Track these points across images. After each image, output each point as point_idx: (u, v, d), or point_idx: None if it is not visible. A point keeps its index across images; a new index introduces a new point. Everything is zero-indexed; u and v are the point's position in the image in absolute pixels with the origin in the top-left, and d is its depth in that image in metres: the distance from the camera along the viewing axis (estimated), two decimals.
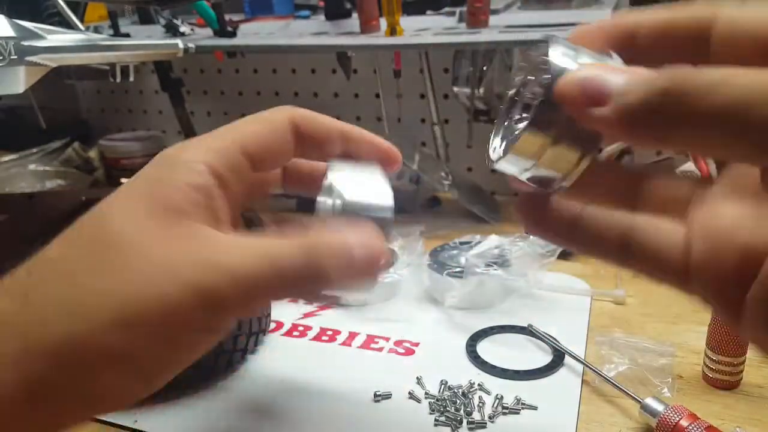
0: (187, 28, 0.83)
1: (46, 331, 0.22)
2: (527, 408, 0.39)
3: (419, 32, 0.70)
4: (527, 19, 0.69)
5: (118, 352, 0.22)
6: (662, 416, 0.35)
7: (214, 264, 0.23)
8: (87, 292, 0.22)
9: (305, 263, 0.23)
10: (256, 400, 0.41)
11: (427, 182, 0.76)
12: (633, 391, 0.38)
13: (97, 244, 0.24)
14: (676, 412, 0.35)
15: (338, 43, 0.73)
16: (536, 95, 0.23)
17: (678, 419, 0.35)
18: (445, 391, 0.41)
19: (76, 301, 0.22)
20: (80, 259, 0.23)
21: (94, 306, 0.22)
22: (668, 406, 0.36)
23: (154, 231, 0.24)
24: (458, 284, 0.51)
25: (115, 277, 0.23)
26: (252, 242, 0.24)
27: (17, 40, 0.45)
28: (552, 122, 0.22)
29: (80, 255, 0.24)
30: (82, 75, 0.97)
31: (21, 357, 0.22)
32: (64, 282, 0.23)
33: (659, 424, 0.35)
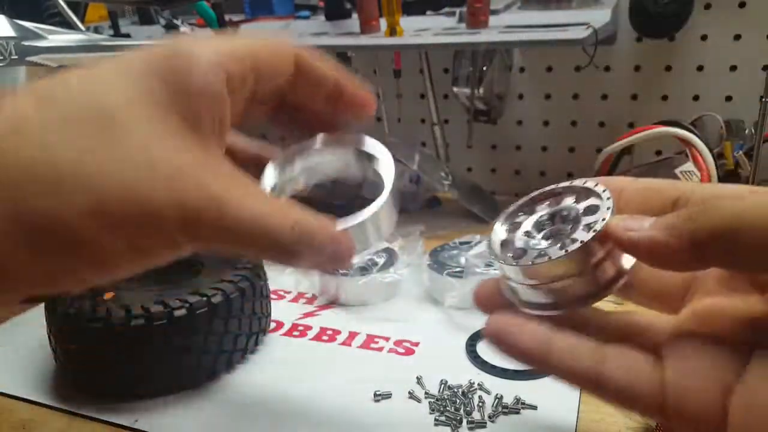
0: (188, 28, 0.83)
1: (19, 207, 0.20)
2: (527, 408, 0.39)
3: (419, 32, 0.70)
4: (527, 19, 0.69)
5: (85, 240, 0.21)
6: None
7: (215, 198, 0.22)
8: (70, 172, 0.20)
9: (290, 246, 0.24)
10: (256, 400, 0.41)
11: (427, 182, 0.76)
12: None
13: (92, 120, 0.21)
14: None
15: (338, 44, 0.73)
16: (573, 228, 0.26)
17: None
18: (445, 390, 0.41)
19: (56, 179, 0.20)
20: (68, 129, 0.21)
21: (76, 190, 0.20)
22: None
23: (162, 131, 0.22)
24: (458, 284, 0.51)
25: (105, 164, 0.21)
26: (254, 196, 0.24)
27: (18, 40, 0.45)
28: (589, 256, 0.25)
29: (69, 126, 0.21)
30: None
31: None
32: (46, 154, 0.20)
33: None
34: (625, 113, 0.80)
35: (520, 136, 0.87)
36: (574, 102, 0.82)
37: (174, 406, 0.41)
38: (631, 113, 0.80)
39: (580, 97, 0.82)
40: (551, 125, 0.85)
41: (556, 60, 0.81)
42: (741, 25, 0.72)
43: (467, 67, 0.73)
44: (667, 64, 0.77)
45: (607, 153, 0.68)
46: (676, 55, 0.76)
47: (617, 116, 0.81)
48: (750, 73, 0.73)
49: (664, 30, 0.73)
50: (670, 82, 0.77)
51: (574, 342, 0.25)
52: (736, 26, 0.72)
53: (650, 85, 0.78)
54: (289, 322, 0.52)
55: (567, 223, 0.27)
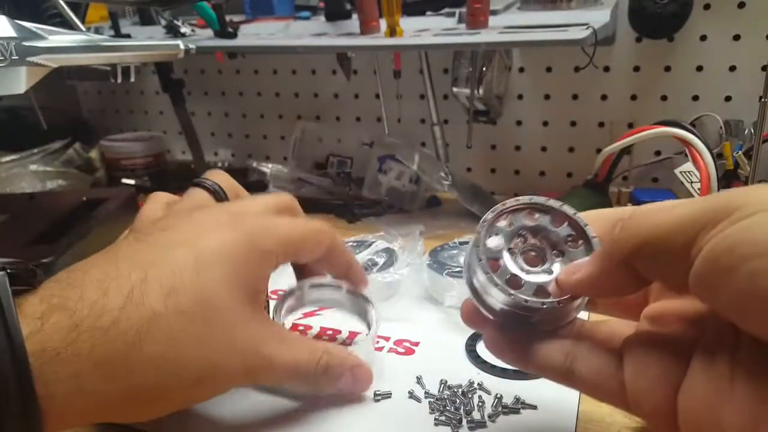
0: (188, 29, 0.83)
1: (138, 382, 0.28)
2: (527, 407, 0.39)
3: (419, 33, 0.70)
4: (527, 19, 0.70)
5: (176, 396, 0.31)
6: None
7: (267, 356, 0.33)
8: (181, 355, 0.29)
9: (314, 375, 0.35)
10: (256, 400, 0.41)
11: (427, 182, 0.76)
12: None
13: (202, 314, 0.30)
14: None
15: (338, 44, 0.73)
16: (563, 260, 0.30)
17: None
18: (444, 390, 0.41)
19: (169, 360, 0.29)
20: (182, 325, 0.29)
21: (186, 368, 0.30)
22: None
23: (240, 314, 0.32)
24: (458, 284, 0.51)
25: (205, 349, 0.30)
26: (287, 342, 0.35)
27: (18, 40, 0.45)
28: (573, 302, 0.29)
29: (183, 322, 0.29)
30: (83, 76, 0.97)
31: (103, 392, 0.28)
32: (164, 343, 0.29)
33: None
34: (624, 113, 0.80)
35: (520, 136, 0.87)
36: (573, 102, 0.82)
37: None
38: (631, 113, 0.80)
39: (579, 97, 0.82)
40: (551, 125, 0.85)
41: (556, 60, 0.81)
42: (740, 25, 0.72)
43: (467, 67, 0.73)
44: (667, 65, 0.77)
45: (606, 153, 0.68)
46: (676, 56, 0.76)
47: (617, 116, 0.81)
48: (749, 74, 0.73)
49: (663, 30, 0.73)
50: (669, 82, 0.77)
51: (552, 343, 0.30)
52: (735, 26, 0.72)
53: (650, 86, 0.78)
54: (289, 321, 0.52)
55: (554, 253, 0.31)
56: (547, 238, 0.31)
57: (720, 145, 0.71)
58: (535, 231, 0.31)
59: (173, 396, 0.30)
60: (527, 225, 0.31)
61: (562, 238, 0.30)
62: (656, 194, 0.75)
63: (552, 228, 0.31)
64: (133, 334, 0.27)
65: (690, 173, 0.63)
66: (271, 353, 0.33)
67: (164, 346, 0.28)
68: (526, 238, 0.31)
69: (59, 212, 0.65)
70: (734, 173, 0.71)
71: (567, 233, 0.30)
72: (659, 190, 0.78)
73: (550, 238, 0.31)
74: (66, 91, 1.15)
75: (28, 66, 0.46)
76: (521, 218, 0.31)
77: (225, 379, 0.32)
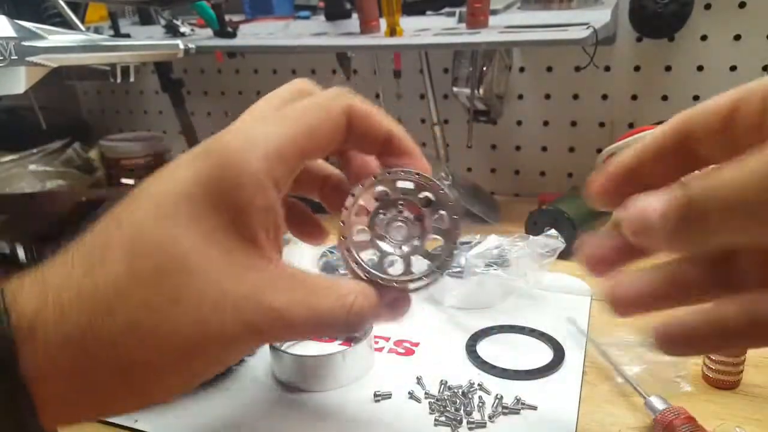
0: (188, 28, 0.83)
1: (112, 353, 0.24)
2: (527, 408, 0.39)
3: (419, 33, 0.70)
4: (527, 19, 0.69)
5: (169, 371, 0.25)
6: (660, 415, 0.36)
7: (275, 310, 0.25)
8: (159, 320, 0.24)
9: (345, 324, 0.27)
10: (256, 401, 0.41)
11: None
12: (649, 391, 0.38)
13: (168, 273, 0.24)
14: (674, 412, 0.35)
15: (338, 44, 0.73)
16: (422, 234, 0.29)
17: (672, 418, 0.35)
18: (445, 391, 0.41)
19: (148, 329, 0.24)
20: (150, 286, 0.24)
21: (171, 335, 0.24)
22: (669, 407, 0.36)
23: (222, 262, 0.25)
24: (458, 284, 0.51)
25: (184, 309, 0.24)
26: (304, 288, 0.26)
27: (18, 40, 0.45)
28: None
29: (150, 283, 0.24)
30: (82, 75, 0.97)
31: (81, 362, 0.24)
32: (137, 309, 0.24)
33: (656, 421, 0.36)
34: (625, 113, 0.80)
35: (520, 136, 0.87)
36: (574, 102, 0.82)
37: (173, 407, 0.41)
38: (631, 113, 0.80)
39: (580, 97, 0.82)
40: (551, 125, 0.85)
41: (556, 60, 0.81)
42: (741, 25, 0.72)
43: (467, 67, 0.73)
44: (667, 64, 0.76)
45: (607, 153, 0.68)
46: (676, 55, 0.76)
47: (617, 116, 0.80)
48: (750, 74, 0.73)
49: (664, 30, 0.73)
50: (670, 82, 0.77)
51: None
52: (736, 26, 0.72)
53: (650, 85, 0.78)
54: None
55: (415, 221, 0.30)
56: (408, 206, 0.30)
57: None
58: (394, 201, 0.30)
59: (168, 369, 0.25)
60: (389, 197, 0.30)
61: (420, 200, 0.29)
62: None
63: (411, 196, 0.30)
64: (103, 304, 0.24)
65: None
66: (279, 304, 0.25)
67: (139, 313, 0.24)
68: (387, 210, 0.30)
69: (59, 212, 0.65)
70: None
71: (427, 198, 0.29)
72: None
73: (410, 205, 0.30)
74: (65, 90, 1.15)
75: (27, 66, 0.46)
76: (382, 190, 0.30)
77: (221, 344, 0.25)
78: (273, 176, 0.25)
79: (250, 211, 0.25)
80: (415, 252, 0.29)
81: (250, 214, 0.25)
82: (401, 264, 0.29)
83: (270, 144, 0.25)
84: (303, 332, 0.27)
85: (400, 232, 0.30)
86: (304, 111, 0.27)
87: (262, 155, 0.25)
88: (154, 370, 0.25)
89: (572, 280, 0.57)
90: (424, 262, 0.29)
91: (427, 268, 0.29)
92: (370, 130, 0.29)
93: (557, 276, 0.56)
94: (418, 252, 0.29)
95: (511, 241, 0.54)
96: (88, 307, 0.24)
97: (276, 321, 0.25)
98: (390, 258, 0.29)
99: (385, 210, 0.29)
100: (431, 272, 0.28)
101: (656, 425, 0.36)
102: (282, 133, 0.26)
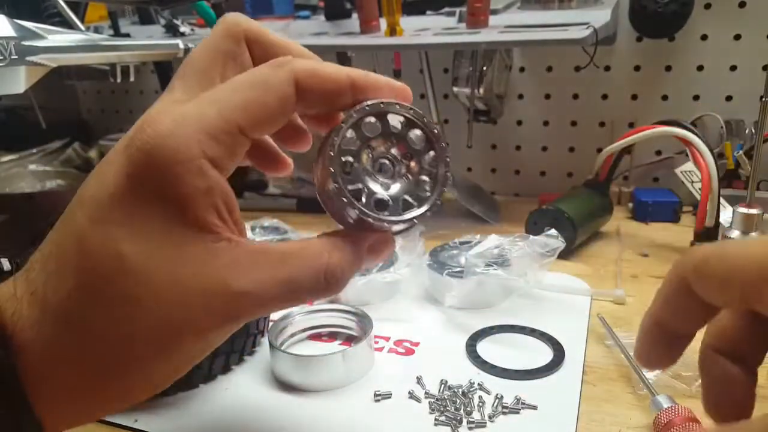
0: (187, 28, 0.83)
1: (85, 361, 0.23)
2: (527, 408, 0.39)
3: (419, 32, 0.70)
4: (527, 19, 0.69)
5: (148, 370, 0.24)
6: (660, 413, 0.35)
7: (243, 294, 0.23)
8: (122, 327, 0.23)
9: (324, 287, 0.26)
10: (255, 401, 0.41)
11: None
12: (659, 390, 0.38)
13: (114, 281, 0.23)
14: (676, 411, 0.35)
15: (338, 44, 0.73)
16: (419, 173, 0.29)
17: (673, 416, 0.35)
18: (445, 390, 0.41)
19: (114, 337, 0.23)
20: (102, 298, 0.23)
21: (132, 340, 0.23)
22: (674, 405, 0.36)
23: (173, 254, 0.23)
24: (458, 284, 0.51)
25: (144, 312, 0.23)
26: (271, 262, 0.24)
27: (18, 40, 0.45)
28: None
29: (101, 295, 0.23)
30: (82, 75, 0.97)
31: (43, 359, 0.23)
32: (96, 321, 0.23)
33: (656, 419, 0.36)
34: (625, 113, 0.80)
35: (520, 136, 0.87)
36: (574, 102, 0.82)
37: (173, 407, 0.41)
38: (632, 113, 0.80)
39: (580, 97, 0.82)
40: (551, 125, 0.85)
41: (556, 60, 0.81)
42: (741, 24, 0.72)
43: (467, 66, 0.73)
44: (667, 64, 0.77)
45: (607, 153, 0.68)
46: (676, 55, 0.76)
47: (617, 116, 0.80)
48: (750, 73, 0.73)
49: (664, 30, 0.73)
50: (670, 81, 0.77)
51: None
52: (736, 26, 0.72)
53: (650, 85, 0.78)
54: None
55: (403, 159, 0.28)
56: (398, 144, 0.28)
57: (721, 145, 0.71)
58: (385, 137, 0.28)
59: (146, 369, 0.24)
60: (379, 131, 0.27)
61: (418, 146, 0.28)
62: (657, 194, 0.75)
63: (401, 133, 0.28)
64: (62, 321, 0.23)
65: (691, 173, 0.63)
66: (248, 286, 0.23)
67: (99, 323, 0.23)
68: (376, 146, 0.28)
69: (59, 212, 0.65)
70: (735, 173, 0.71)
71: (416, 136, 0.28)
72: (660, 189, 0.78)
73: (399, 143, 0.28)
74: (65, 90, 1.15)
75: (27, 66, 0.46)
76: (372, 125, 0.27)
77: (197, 336, 0.24)
78: (209, 156, 0.23)
79: (191, 197, 0.23)
80: (403, 193, 0.28)
81: (192, 200, 0.23)
82: (390, 203, 0.28)
83: (202, 124, 0.23)
84: (282, 305, 0.25)
85: (388, 170, 0.28)
86: (240, 85, 0.24)
87: (194, 139, 0.23)
88: (132, 371, 0.24)
89: (572, 280, 0.57)
90: (411, 203, 0.28)
91: (415, 208, 0.28)
92: (327, 84, 0.26)
93: (557, 276, 0.56)
94: (407, 192, 0.28)
95: (512, 240, 0.54)
96: (51, 320, 0.23)
97: (249, 304, 0.24)
98: (376, 197, 0.27)
99: (375, 145, 0.27)
100: (421, 214, 0.28)
101: (656, 423, 0.36)
102: (212, 114, 0.23)
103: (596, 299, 0.53)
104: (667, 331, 0.24)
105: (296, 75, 0.25)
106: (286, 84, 0.24)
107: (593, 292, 0.54)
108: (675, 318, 0.23)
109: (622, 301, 0.53)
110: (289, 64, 0.25)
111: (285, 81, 0.24)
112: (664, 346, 0.25)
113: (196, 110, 0.23)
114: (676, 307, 0.23)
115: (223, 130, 0.23)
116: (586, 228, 0.64)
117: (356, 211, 0.26)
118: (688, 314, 0.23)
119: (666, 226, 0.72)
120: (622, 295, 0.53)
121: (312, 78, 0.25)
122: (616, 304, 0.53)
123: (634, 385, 0.41)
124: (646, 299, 0.54)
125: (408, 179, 0.28)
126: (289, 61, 0.25)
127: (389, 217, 0.27)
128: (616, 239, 0.68)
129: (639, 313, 0.51)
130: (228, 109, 0.23)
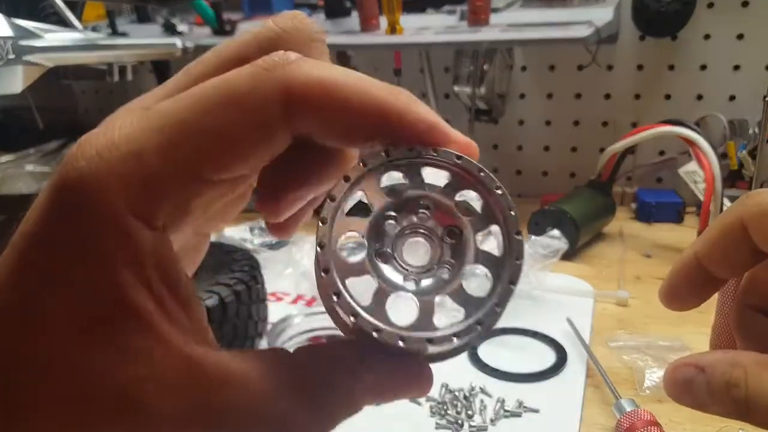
0: (185, 27, 0.82)
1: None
2: (529, 411, 0.39)
3: (420, 31, 0.70)
4: (528, 17, 0.69)
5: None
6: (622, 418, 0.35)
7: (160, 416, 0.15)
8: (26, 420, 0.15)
9: None
10: None
11: None
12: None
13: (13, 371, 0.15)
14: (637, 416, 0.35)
15: (338, 42, 0.72)
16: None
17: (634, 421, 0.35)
18: (446, 394, 0.40)
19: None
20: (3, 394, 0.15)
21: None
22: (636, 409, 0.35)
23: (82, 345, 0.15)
24: None
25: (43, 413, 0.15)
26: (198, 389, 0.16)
27: (15, 39, 0.45)
28: None
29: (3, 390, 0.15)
30: (80, 75, 0.96)
31: None
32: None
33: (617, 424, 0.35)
34: (628, 112, 0.80)
35: (522, 135, 0.86)
36: (576, 101, 0.82)
37: None
38: (634, 112, 0.79)
39: (582, 96, 0.81)
40: (553, 125, 0.84)
41: (558, 59, 0.80)
42: (744, 24, 0.71)
43: (468, 65, 0.72)
44: (670, 63, 0.76)
45: (610, 153, 0.68)
46: (679, 54, 0.75)
47: (620, 115, 0.80)
48: (753, 73, 0.72)
49: (666, 29, 0.72)
50: (673, 81, 0.77)
51: None
52: (739, 25, 0.72)
53: (653, 84, 0.78)
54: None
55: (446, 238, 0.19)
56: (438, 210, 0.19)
57: (724, 145, 0.71)
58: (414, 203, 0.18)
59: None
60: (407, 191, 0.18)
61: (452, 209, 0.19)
62: (660, 194, 0.74)
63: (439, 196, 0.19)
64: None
65: (694, 173, 0.63)
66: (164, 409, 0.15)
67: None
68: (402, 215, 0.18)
69: None
70: (738, 173, 0.70)
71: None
72: (663, 190, 0.77)
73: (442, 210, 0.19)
74: (63, 90, 1.14)
75: (24, 65, 0.45)
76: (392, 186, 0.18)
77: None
78: (140, 212, 0.15)
79: (110, 266, 0.15)
80: (441, 289, 0.18)
81: (112, 270, 0.15)
82: (416, 307, 0.17)
83: (134, 162, 0.15)
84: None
85: (419, 252, 0.18)
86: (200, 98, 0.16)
87: (118, 186, 0.15)
88: None
89: (575, 281, 0.56)
90: (457, 310, 0.17)
91: (462, 320, 0.17)
92: (337, 106, 0.16)
93: (559, 277, 0.56)
94: (447, 290, 0.18)
95: None
96: None
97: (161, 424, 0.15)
98: (397, 294, 0.17)
99: (399, 213, 0.18)
100: (467, 328, 0.17)
101: (617, 427, 0.35)
102: (152, 146, 0.15)
103: (599, 301, 0.53)
104: (705, 271, 0.23)
105: (290, 87, 0.16)
106: (270, 101, 0.16)
107: (596, 294, 0.54)
108: (720, 259, 0.23)
109: (625, 302, 0.52)
110: (280, 68, 0.16)
111: (270, 96, 0.16)
112: (696, 286, 0.24)
113: (136, 136, 0.16)
114: (725, 248, 0.22)
115: (166, 173, 0.15)
116: (589, 229, 0.64)
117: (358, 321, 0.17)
118: (735, 258, 0.22)
119: (669, 226, 0.71)
120: (626, 296, 0.52)
121: (318, 95, 0.16)
122: (619, 305, 0.53)
123: (637, 387, 0.40)
124: (649, 301, 0.54)
125: (450, 269, 0.18)
126: (285, 61, 0.16)
127: (412, 333, 0.17)
128: (618, 240, 0.68)
129: (642, 315, 0.51)
130: (178, 137, 0.15)
